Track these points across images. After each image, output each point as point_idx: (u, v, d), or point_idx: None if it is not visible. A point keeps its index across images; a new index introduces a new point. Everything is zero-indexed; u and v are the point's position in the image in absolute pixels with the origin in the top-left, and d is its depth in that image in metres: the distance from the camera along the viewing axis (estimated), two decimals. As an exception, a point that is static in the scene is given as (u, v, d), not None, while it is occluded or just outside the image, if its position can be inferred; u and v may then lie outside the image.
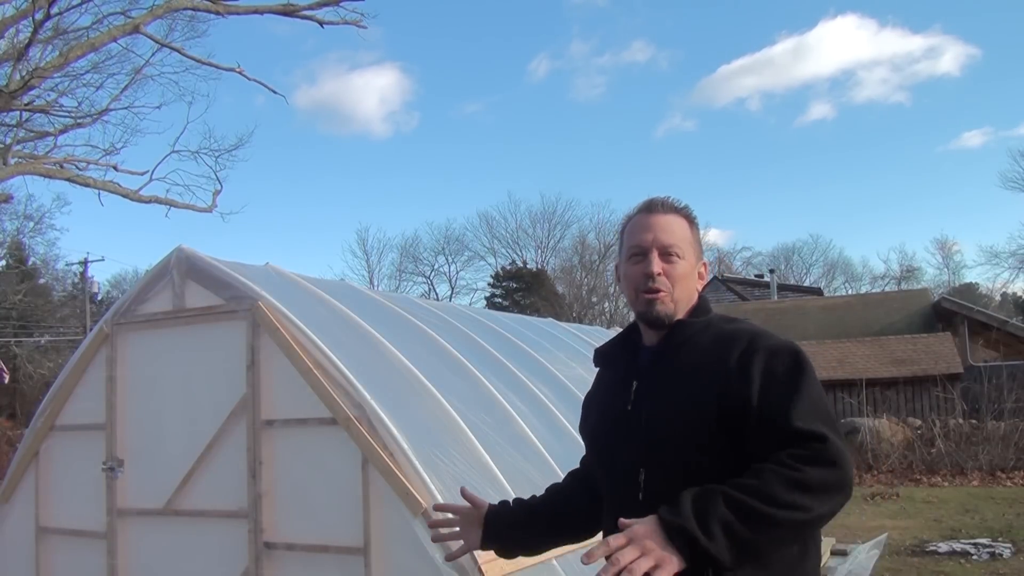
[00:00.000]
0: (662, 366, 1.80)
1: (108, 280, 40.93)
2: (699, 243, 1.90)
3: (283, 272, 5.21)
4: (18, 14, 13.60)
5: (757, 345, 1.70)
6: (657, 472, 1.73)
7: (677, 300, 1.81)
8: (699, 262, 1.89)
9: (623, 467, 1.79)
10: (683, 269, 1.82)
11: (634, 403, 1.81)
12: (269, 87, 17.33)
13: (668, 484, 1.68)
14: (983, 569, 7.23)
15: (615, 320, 34.60)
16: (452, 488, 3.91)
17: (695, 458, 1.68)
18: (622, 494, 1.79)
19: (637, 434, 1.78)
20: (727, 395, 1.66)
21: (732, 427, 1.65)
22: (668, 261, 1.81)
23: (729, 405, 1.65)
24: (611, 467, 1.85)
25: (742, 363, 1.68)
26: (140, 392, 4.80)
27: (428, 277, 43.61)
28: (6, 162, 14.31)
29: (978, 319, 20.08)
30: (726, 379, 1.67)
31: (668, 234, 1.83)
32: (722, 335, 1.77)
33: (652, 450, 1.74)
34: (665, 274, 1.80)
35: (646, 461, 1.75)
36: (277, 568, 4.19)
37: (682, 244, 1.83)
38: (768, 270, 32.96)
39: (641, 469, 1.75)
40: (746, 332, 1.76)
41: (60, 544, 4.98)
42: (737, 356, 1.69)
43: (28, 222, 29.24)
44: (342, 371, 4.11)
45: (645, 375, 1.82)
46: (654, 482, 1.73)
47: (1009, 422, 13.81)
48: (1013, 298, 41.03)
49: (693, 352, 1.76)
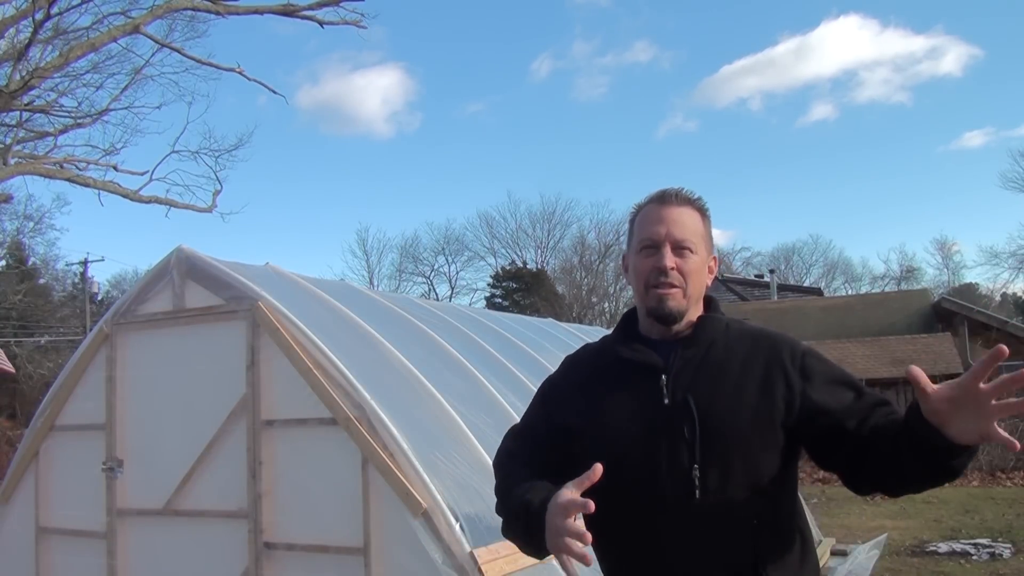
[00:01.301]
0: (698, 360, 1.76)
1: (108, 280, 40.97)
2: (710, 237, 1.87)
3: (283, 272, 5.21)
4: (18, 14, 13.60)
5: (799, 346, 1.80)
6: (714, 469, 1.67)
7: (690, 296, 1.77)
8: (710, 256, 1.86)
9: (670, 466, 1.69)
10: (695, 264, 1.78)
11: (673, 396, 1.72)
12: (269, 87, 17.43)
13: (727, 481, 1.67)
14: (983, 569, 7.22)
15: (615, 320, 34.53)
16: (452, 488, 3.91)
17: (756, 455, 1.70)
18: (669, 494, 1.68)
19: (686, 430, 1.69)
20: (790, 395, 1.72)
21: (792, 424, 1.71)
22: (681, 256, 1.77)
23: (791, 404, 1.71)
24: (652, 468, 1.70)
25: (799, 365, 1.75)
26: (140, 392, 4.80)
27: (428, 277, 43.61)
28: (6, 162, 14.31)
29: (978, 319, 20.07)
30: (786, 380, 1.73)
31: (681, 227, 1.77)
32: (755, 335, 1.82)
33: (709, 447, 1.68)
34: (678, 269, 1.76)
35: (702, 458, 1.67)
36: (277, 568, 4.19)
37: (695, 238, 1.79)
38: (768, 270, 32.94)
39: (696, 466, 1.67)
40: (780, 335, 1.84)
41: (60, 544, 4.98)
42: (788, 357, 1.76)
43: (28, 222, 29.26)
44: (342, 371, 4.11)
45: (679, 368, 1.75)
46: (712, 479, 1.67)
47: (1009, 422, 13.81)
48: (1013, 298, 41.00)
49: (731, 349, 1.78)
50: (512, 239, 43.31)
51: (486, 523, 3.87)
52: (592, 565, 1.58)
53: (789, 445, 1.73)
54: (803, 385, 1.73)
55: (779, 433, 1.71)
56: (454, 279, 43.71)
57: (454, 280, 43.72)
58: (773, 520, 1.72)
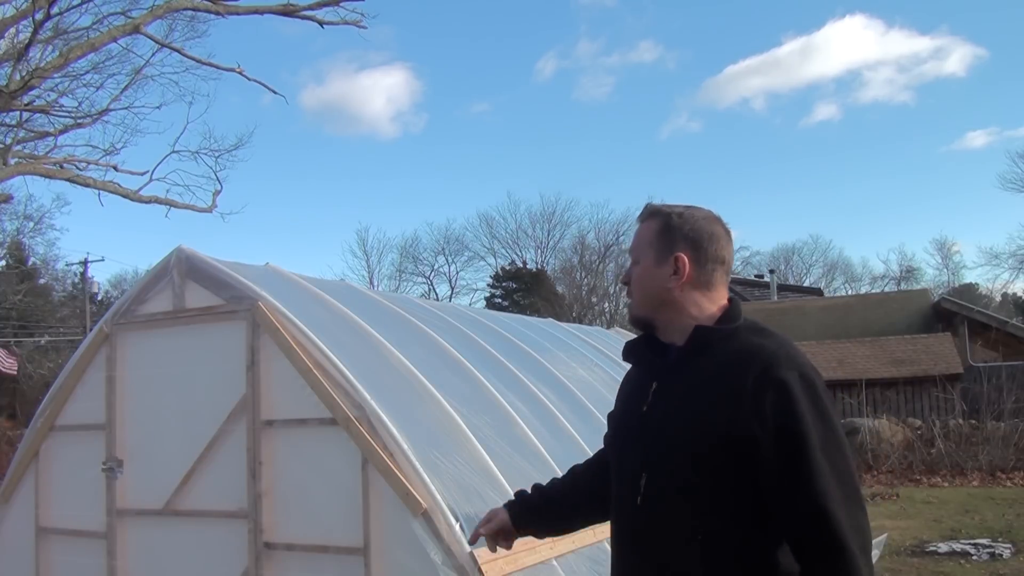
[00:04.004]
0: (681, 371, 1.78)
1: (108, 280, 40.99)
2: (667, 238, 1.83)
3: (283, 272, 5.22)
4: (18, 14, 13.60)
5: (771, 374, 1.62)
6: (656, 480, 1.72)
7: (639, 302, 1.89)
8: (666, 257, 1.82)
9: (629, 468, 1.79)
10: (636, 273, 1.89)
11: (650, 405, 1.79)
12: (269, 87, 17.46)
13: (664, 494, 1.70)
14: (983, 569, 7.22)
15: (615, 320, 34.57)
16: (452, 488, 3.91)
17: (694, 472, 1.65)
18: (624, 495, 1.79)
19: (645, 437, 1.76)
20: (736, 420, 1.61)
21: (739, 452, 1.61)
22: (633, 267, 1.91)
23: (737, 434, 1.61)
24: (619, 466, 1.86)
25: (756, 392, 1.61)
26: (140, 392, 4.80)
27: (428, 277, 43.66)
28: (6, 162, 14.31)
29: (978, 319, 20.08)
30: (737, 403, 1.62)
31: (633, 242, 1.94)
32: (743, 350, 1.70)
33: (654, 457, 1.73)
34: (629, 280, 1.91)
35: (648, 466, 1.74)
36: (277, 568, 4.19)
37: (639, 248, 1.89)
38: (768, 270, 32.95)
39: (643, 473, 1.74)
40: (766, 352, 1.67)
41: (60, 544, 4.98)
42: (752, 380, 1.62)
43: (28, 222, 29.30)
44: (342, 371, 4.11)
45: (664, 378, 1.80)
46: (652, 488, 1.72)
47: (1009, 422, 13.82)
48: (1013, 298, 41.04)
49: (712, 363, 1.71)
50: (512, 239, 43.39)
51: (486, 523, 3.87)
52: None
53: (740, 469, 1.62)
54: (750, 418, 1.60)
55: (718, 454, 1.62)
56: (454, 279, 43.79)
57: (454, 280, 43.79)
58: (734, 544, 1.63)
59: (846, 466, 1.60)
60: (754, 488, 1.62)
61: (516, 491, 2.23)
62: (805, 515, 1.57)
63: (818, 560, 1.56)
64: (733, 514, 1.63)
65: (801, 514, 1.57)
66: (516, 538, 2.15)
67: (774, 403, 1.60)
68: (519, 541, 2.23)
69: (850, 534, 1.55)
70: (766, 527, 1.63)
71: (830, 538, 1.54)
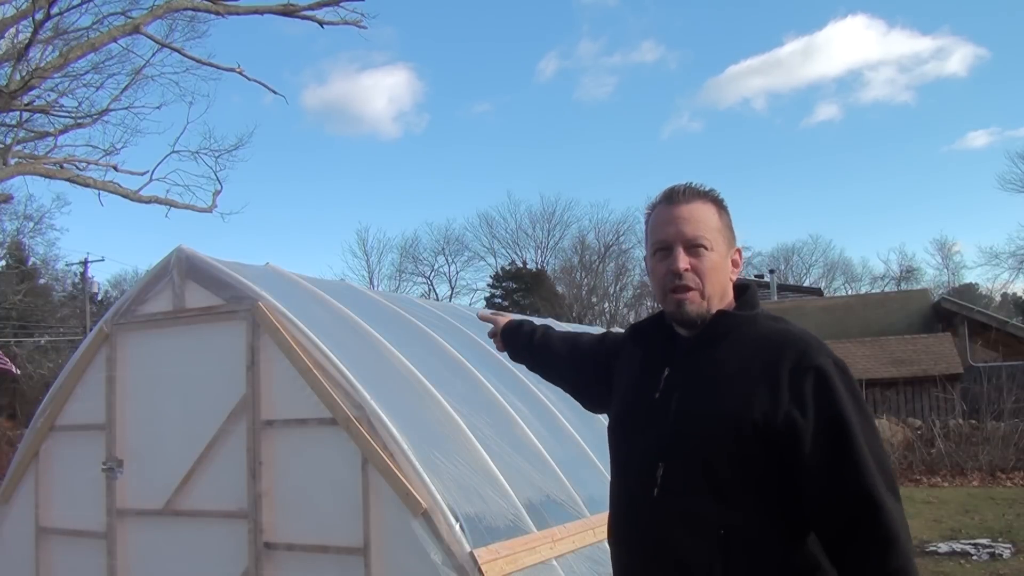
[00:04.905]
0: (699, 358, 1.68)
1: (108, 280, 40.95)
2: (730, 228, 1.75)
3: (283, 272, 5.22)
4: (18, 14, 13.59)
5: (809, 361, 1.57)
6: (677, 470, 1.62)
7: (709, 296, 1.69)
8: (731, 249, 1.75)
9: (641, 458, 1.68)
10: (712, 261, 1.69)
11: (663, 392, 1.69)
12: (269, 87, 17.44)
13: (686, 485, 1.61)
14: (983, 569, 7.22)
15: (615, 320, 34.59)
16: (452, 488, 3.91)
17: (719, 464, 1.58)
18: (635, 486, 1.69)
19: (662, 426, 1.66)
20: (773, 409, 1.55)
21: (774, 441, 1.55)
22: (695, 255, 1.68)
23: (774, 422, 1.55)
24: (628, 456, 1.74)
25: (794, 379, 1.56)
26: (140, 392, 4.80)
27: (428, 277, 43.60)
28: (6, 162, 14.31)
29: (978, 319, 20.08)
30: (773, 391, 1.56)
31: (692, 225, 1.68)
32: (770, 336, 1.64)
33: (675, 446, 1.63)
34: (693, 269, 1.67)
35: (667, 456, 1.64)
36: (277, 568, 4.19)
37: (709, 234, 1.69)
38: (768, 270, 32.93)
39: (660, 464, 1.64)
40: (797, 338, 1.62)
41: (60, 544, 4.98)
42: (788, 367, 1.57)
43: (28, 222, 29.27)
44: (342, 371, 4.11)
45: (679, 364, 1.70)
46: (671, 479, 1.62)
47: (1009, 422, 13.81)
48: (1013, 298, 41.02)
49: (737, 349, 1.64)
50: (512, 239, 43.35)
51: (486, 523, 3.87)
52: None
53: (769, 457, 1.56)
54: (789, 406, 1.54)
55: (751, 444, 1.56)
56: (454, 279, 43.73)
57: (454, 280, 43.73)
58: (753, 538, 1.57)
59: (884, 454, 1.59)
60: (780, 480, 1.56)
61: (525, 321, 2.45)
62: (853, 505, 1.52)
63: (872, 547, 1.51)
64: (756, 507, 1.57)
65: (849, 504, 1.52)
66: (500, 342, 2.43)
67: (814, 390, 1.55)
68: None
69: (901, 524, 1.52)
70: (789, 520, 1.58)
71: (884, 529, 1.50)
